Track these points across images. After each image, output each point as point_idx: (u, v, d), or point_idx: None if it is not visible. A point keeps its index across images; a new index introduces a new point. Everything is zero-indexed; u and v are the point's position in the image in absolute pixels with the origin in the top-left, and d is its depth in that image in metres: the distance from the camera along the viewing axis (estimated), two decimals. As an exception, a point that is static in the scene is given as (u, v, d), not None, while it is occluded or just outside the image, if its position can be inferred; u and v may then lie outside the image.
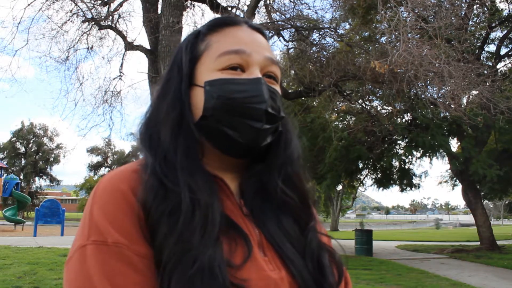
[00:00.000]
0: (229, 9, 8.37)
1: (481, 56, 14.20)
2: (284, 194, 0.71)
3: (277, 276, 0.64)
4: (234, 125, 0.66)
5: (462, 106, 9.00)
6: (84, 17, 8.96)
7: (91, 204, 0.62)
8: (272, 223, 0.70)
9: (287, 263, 0.66)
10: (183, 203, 0.60)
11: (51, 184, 47.68)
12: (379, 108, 13.34)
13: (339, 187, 26.11)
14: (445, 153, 13.95)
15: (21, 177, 40.91)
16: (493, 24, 13.78)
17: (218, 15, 8.01)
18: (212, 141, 0.69)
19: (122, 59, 9.40)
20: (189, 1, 8.64)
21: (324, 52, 10.64)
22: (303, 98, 12.64)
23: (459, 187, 16.30)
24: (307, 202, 0.75)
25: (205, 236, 0.59)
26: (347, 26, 12.15)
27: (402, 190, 15.62)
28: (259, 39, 0.73)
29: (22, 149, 44.57)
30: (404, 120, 13.60)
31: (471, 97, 9.99)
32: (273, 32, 9.48)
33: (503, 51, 14.77)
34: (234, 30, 0.72)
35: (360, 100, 12.96)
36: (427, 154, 13.96)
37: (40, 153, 44.44)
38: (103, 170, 48.87)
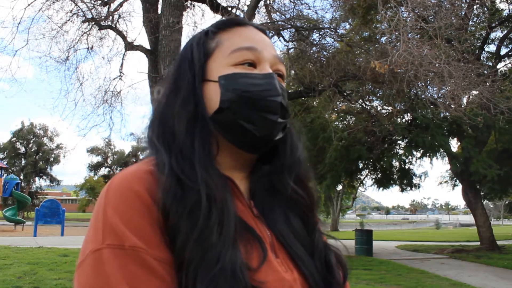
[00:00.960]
0: (229, 9, 8.36)
1: (481, 56, 14.19)
2: (295, 193, 0.73)
3: (290, 277, 0.65)
4: (250, 117, 0.67)
5: (462, 106, 9.00)
6: (84, 17, 8.96)
7: (103, 206, 0.59)
8: (282, 224, 0.71)
9: (298, 264, 0.68)
10: (203, 200, 0.60)
11: (51, 184, 47.72)
12: (379, 108, 13.35)
13: (339, 187, 26.11)
14: (445, 153, 13.95)
15: (21, 177, 40.91)
16: (493, 24, 13.77)
17: (218, 15, 8.01)
18: (227, 135, 0.69)
19: (122, 59, 9.42)
20: (189, 1, 8.64)
21: (324, 52, 10.64)
22: (303, 98, 12.64)
23: (459, 187, 16.32)
24: (314, 202, 0.77)
25: (223, 232, 0.59)
26: (347, 26, 12.16)
27: (402, 190, 15.62)
28: (266, 38, 0.76)
29: (22, 149, 44.59)
30: (404, 120, 13.60)
31: (471, 97, 9.99)
32: (273, 32, 9.48)
33: (503, 51, 14.77)
34: (243, 29, 0.74)
35: (360, 100, 12.96)
36: (427, 154, 13.95)
37: (40, 153, 44.46)
38: (103, 170, 48.94)
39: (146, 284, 0.54)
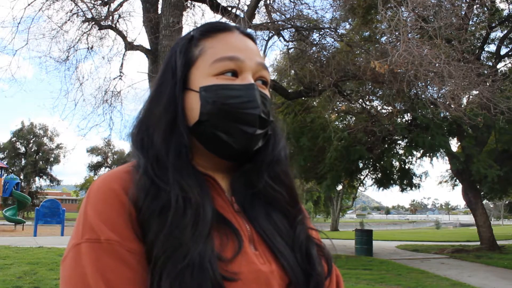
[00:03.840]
0: (229, 9, 8.36)
1: (481, 56, 14.19)
2: (273, 189, 0.74)
3: (267, 269, 0.66)
4: (229, 130, 0.69)
5: (462, 106, 9.00)
6: (84, 17, 8.96)
7: (85, 204, 0.64)
8: (262, 218, 0.72)
9: (277, 256, 0.68)
10: (173, 201, 0.62)
11: (51, 184, 47.71)
12: (379, 108, 13.36)
13: (339, 187, 26.12)
14: (445, 153, 13.94)
15: (21, 177, 40.91)
16: (493, 24, 13.77)
17: (218, 15, 8.01)
18: (205, 145, 0.71)
19: (122, 59, 9.42)
20: (189, 1, 8.64)
21: (324, 52, 10.65)
22: (303, 98, 12.64)
23: (459, 187, 16.32)
24: (295, 198, 0.78)
25: (196, 233, 0.61)
26: (347, 26, 12.16)
27: (402, 190, 15.61)
28: (250, 45, 0.76)
29: (22, 149, 44.59)
30: (404, 120, 13.59)
31: (471, 97, 9.99)
32: (273, 32, 9.48)
33: (503, 51, 14.77)
34: (227, 36, 0.74)
35: (360, 100, 12.96)
36: (427, 154, 13.95)
37: (40, 153, 44.45)
38: (103, 170, 48.91)
39: (118, 274, 0.58)
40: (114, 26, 8.95)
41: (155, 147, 0.68)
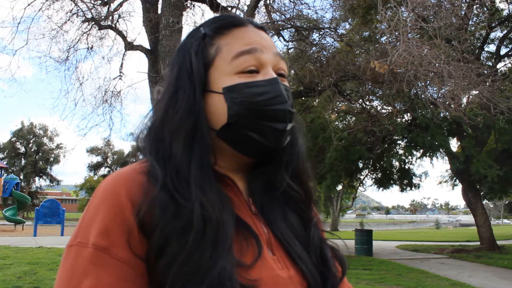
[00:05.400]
0: (229, 9, 8.37)
1: (481, 56, 14.20)
2: (291, 189, 0.72)
3: (286, 274, 0.64)
4: (259, 128, 0.66)
5: (462, 106, 9.00)
6: (84, 17, 8.97)
7: (88, 205, 0.63)
8: (280, 221, 0.70)
9: (296, 261, 0.67)
10: (195, 221, 0.58)
11: (51, 184, 47.75)
12: (379, 108, 13.36)
13: (339, 187, 26.10)
14: (445, 153, 13.95)
15: (21, 177, 40.91)
16: (493, 24, 13.78)
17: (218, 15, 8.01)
18: (235, 146, 0.68)
19: (122, 59, 9.42)
20: (189, 1, 8.65)
21: (324, 52, 10.64)
22: (303, 98, 12.64)
23: (459, 187, 16.31)
24: (310, 197, 0.76)
25: (214, 254, 0.57)
26: (347, 26, 12.16)
27: (402, 190, 15.61)
28: (265, 37, 0.73)
29: (22, 149, 44.62)
30: (404, 120, 13.60)
31: (471, 97, 10.00)
32: (273, 32, 9.48)
33: (503, 51, 14.77)
34: (242, 30, 0.71)
35: (360, 100, 12.97)
36: (427, 154, 13.96)
37: (40, 153, 44.49)
38: (103, 170, 48.97)
39: (97, 281, 0.56)
40: (114, 26, 8.95)
41: (174, 159, 0.63)
